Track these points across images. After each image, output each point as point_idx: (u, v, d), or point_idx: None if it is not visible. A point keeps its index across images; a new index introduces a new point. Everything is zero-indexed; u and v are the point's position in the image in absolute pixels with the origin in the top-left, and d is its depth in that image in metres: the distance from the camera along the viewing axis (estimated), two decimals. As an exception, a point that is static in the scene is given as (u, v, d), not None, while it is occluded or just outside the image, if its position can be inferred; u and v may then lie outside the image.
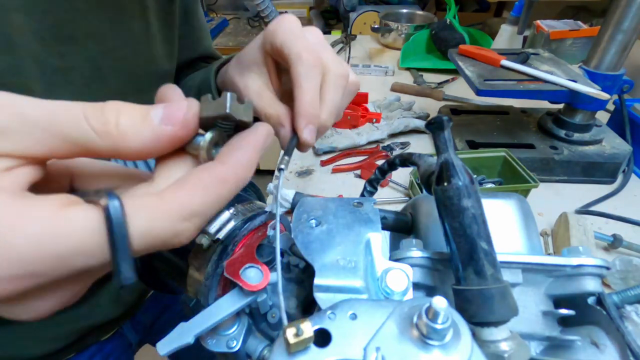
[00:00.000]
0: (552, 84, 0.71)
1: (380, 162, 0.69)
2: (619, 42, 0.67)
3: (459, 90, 1.08)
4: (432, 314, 0.18)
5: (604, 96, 0.66)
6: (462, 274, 0.24)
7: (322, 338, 0.19)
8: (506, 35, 1.13)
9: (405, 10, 1.49)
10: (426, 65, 1.21)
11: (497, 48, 1.12)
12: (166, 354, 0.23)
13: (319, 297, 0.25)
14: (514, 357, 0.21)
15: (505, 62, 0.78)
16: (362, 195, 0.41)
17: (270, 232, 0.30)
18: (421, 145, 0.86)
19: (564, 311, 0.27)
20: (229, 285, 0.27)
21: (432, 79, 1.15)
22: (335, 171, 0.79)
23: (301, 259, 0.31)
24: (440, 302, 0.17)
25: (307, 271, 0.31)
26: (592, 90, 0.67)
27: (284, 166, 0.27)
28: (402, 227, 0.35)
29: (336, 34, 1.50)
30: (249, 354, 0.28)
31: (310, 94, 0.31)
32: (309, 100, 0.31)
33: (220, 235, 0.25)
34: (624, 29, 0.66)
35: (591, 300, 0.26)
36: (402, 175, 0.76)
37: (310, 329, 0.18)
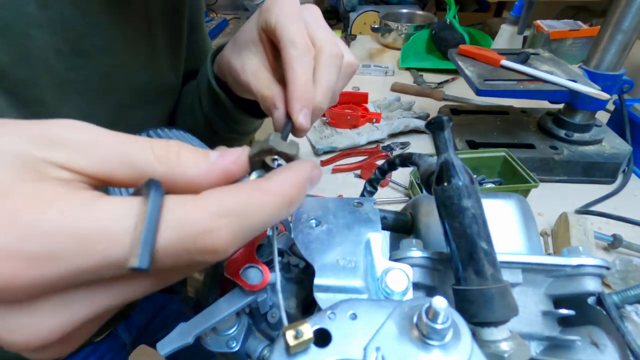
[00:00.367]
0: (552, 84, 0.71)
1: (380, 162, 0.69)
2: (619, 42, 0.67)
3: (459, 90, 1.08)
4: (432, 314, 0.18)
5: (604, 96, 0.66)
6: (462, 274, 0.24)
7: (322, 338, 0.19)
8: (506, 35, 1.13)
9: (405, 10, 1.49)
10: (426, 65, 1.21)
11: (497, 48, 1.12)
12: (166, 354, 0.23)
13: (319, 297, 0.25)
14: (514, 357, 0.21)
15: (505, 62, 0.78)
16: (362, 195, 0.41)
17: (270, 232, 0.30)
18: (421, 145, 0.86)
19: (564, 311, 0.27)
20: (229, 285, 0.27)
21: (432, 79, 1.15)
22: (335, 171, 0.79)
23: (301, 259, 0.31)
24: (440, 302, 0.17)
25: (307, 271, 0.31)
26: (592, 90, 0.67)
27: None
28: (402, 227, 0.35)
29: (336, 34, 1.50)
30: (249, 354, 0.28)
31: (303, 77, 0.30)
32: (302, 83, 0.30)
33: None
34: (624, 29, 0.66)
35: (591, 300, 0.26)
36: (402, 175, 0.76)
37: (310, 331, 0.18)
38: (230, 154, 0.20)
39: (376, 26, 1.31)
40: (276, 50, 0.34)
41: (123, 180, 0.18)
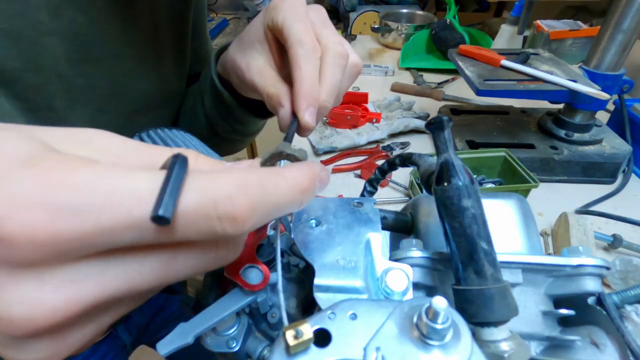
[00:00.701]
0: (552, 84, 0.71)
1: (380, 162, 0.69)
2: (619, 42, 0.67)
3: (459, 90, 1.08)
4: (432, 314, 0.18)
5: (604, 96, 0.66)
6: (462, 274, 0.24)
7: (322, 338, 0.19)
8: (506, 35, 1.13)
9: (405, 10, 1.48)
10: (426, 65, 1.21)
11: (497, 48, 1.12)
12: (166, 354, 0.23)
13: (319, 297, 0.25)
14: (514, 357, 0.21)
15: (505, 62, 0.78)
16: (362, 195, 0.41)
17: (270, 232, 0.30)
18: (421, 145, 0.86)
19: (564, 311, 0.27)
20: (229, 285, 0.27)
21: (432, 79, 1.15)
22: (335, 171, 0.79)
23: (301, 259, 0.31)
24: (440, 302, 0.17)
25: (307, 271, 0.31)
26: (592, 90, 0.67)
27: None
28: (402, 227, 0.35)
29: (337, 34, 1.50)
30: (249, 354, 0.28)
31: (310, 76, 0.30)
32: (309, 82, 0.30)
33: (220, 235, 0.25)
34: (624, 29, 0.66)
35: (591, 300, 0.26)
36: (402, 175, 0.76)
37: (310, 331, 0.18)
38: (243, 162, 0.20)
39: (376, 26, 1.31)
40: (282, 49, 0.34)
41: None
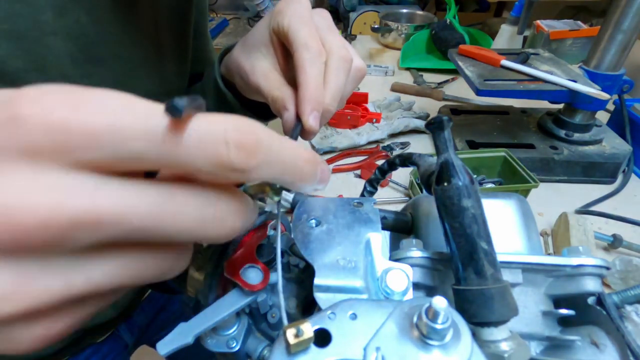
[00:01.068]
0: (552, 84, 0.71)
1: (380, 162, 0.69)
2: (619, 42, 0.67)
3: (459, 90, 1.07)
4: (432, 314, 0.18)
5: (604, 96, 0.66)
6: (462, 274, 0.24)
7: (322, 338, 0.19)
8: (506, 35, 1.13)
9: (405, 10, 1.48)
10: (426, 65, 1.20)
11: (497, 48, 1.12)
12: (166, 354, 0.23)
13: (319, 297, 0.25)
14: (514, 357, 0.21)
15: (505, 62, 0.78)
16: (362, 195, 0.41)
17: (270, 232, 0.30)
18: (421, 145, 0.86)
19: (564, 311, 0.27)
20: (229, 285, 0.27)
21: (432, 79, 1.15)
22: (335, 171, 0.79)
23: (301, 259, 0.31)
24: (440, 302, 0.17)
25: (307, 271, 0.31)
26: (592, 90, 0.67)
27: None
28: (402, 227, 0.35)
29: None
30: (249, 354, 0.28)
31: (315, 80, 0.30)
32: (314, 86, 0.30)
33: (220, 235, 0.25)
34: (624, 29, 0.66)
35: (591, 300, 0.26)
36: (402, 175, 0.76)
37: (310, 330, 0.18)
38: None
39: (376, 26, 1.31)
40: (286, 52, 0.34)
41: None
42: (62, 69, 0.39)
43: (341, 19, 1.33)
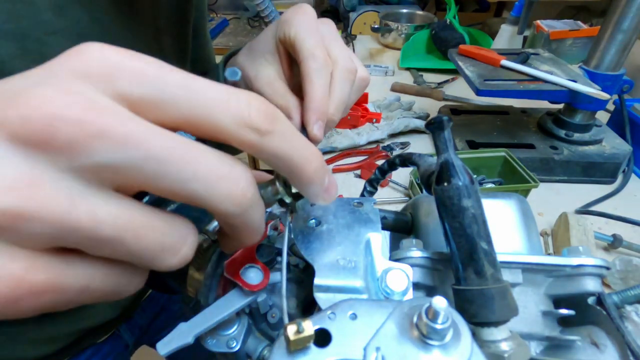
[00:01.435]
0: (552, 84, 0.71)
1: (380, 162, 0.69)
2: (619, 42, 0.67)
3: (459, 90, 1.07)
4: (432, 314, 0.18)
5: (604, 96, 0.66)
6: (462, 274, 0.24)
7: (322, 338, 0.19)
8: (506, 35, 1.13)
9: (405, 10, 1.49)
10: (426, 65, 1.21)
11: (497, 48, 1.12)
12: (166, 354, 0.23)
13: (319, 297, 0.25)
14: (514, 357, 0.21)
15: (505, 62, 0.78)
16: (362, 195, 0.41)
17: (270, 232, 0.30)
18: (421, 145, 0.86)
19: (564, 311, 0.27)
20: (229, 285, 0.27)
21: (432, 79, 1.15)
22: (335, 171, 0.79)
23: (301, 259, 0.31)
24: (440, 302, 0.17)
25: (307, 271, 0.31)
26: (592, 90, 0.67)
27: None
28: (402, 227, 0.35)
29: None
30: (249, 354, 0.28)
31: (321, 90, 0.31)
32: (320, 96, 0.31)
33: (220, 235, 0.25)
34: (624, 29, 0.66)
35: (591, 300, 0.26)
36: (402, 175, 0.76)
37: (311, 327, 0.18)
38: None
39: (376, 26, 1.31)
40: (292, 61, 0.35)
41: None
42: None
43: (341, 19, 1.33)
